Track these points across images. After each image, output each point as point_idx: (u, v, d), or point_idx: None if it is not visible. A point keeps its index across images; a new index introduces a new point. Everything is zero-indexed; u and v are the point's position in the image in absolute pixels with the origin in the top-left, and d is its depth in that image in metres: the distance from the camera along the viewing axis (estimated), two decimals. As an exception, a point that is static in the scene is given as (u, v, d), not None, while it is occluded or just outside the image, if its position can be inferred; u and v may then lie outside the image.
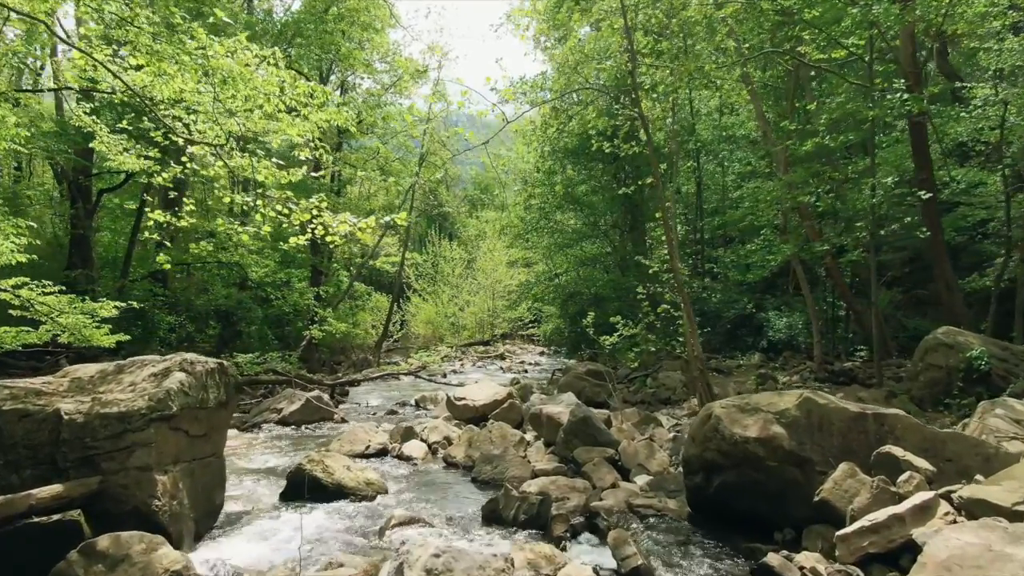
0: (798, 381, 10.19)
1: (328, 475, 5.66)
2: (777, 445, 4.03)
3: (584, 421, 6.58)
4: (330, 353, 21.41)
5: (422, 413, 11.09)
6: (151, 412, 4.30)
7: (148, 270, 14.66)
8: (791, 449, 4.00)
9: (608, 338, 8.09)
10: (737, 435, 4.14)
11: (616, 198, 15.72)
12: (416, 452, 7.28)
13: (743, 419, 4.21)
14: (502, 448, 6.68)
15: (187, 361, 4.86)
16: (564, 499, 5.02)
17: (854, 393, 8.13)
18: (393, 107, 22.25)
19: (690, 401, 9.47)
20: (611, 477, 5.86)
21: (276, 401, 9.79)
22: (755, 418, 4.18)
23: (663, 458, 6.19)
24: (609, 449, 6.38)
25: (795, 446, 4.01)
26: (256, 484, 6.10)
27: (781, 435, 4.04)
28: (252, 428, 9.12)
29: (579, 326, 18.12)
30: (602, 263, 18.49)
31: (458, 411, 8.89)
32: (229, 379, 5.24)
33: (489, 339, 28.01)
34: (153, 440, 4.27)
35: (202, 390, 4.82)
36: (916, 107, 7.12)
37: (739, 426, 4.18)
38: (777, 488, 4.05)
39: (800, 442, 4.01)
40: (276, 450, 7.71)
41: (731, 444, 4.17)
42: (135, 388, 4.55)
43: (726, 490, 4.27)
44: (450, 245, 30.51)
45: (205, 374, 4.89)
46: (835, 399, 4.23)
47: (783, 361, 12.52)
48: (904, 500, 3.44)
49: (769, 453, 4.06)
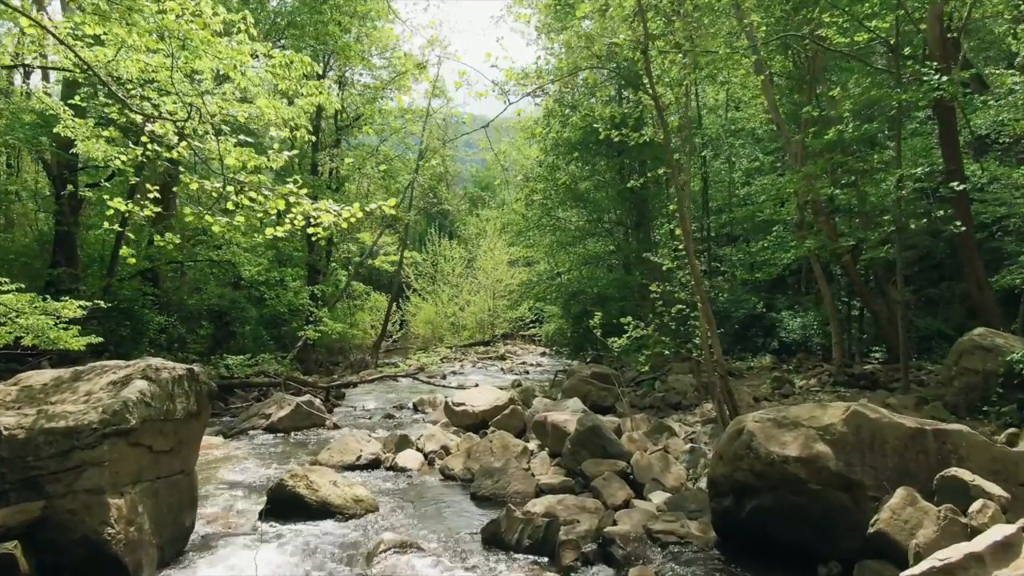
0: (816, 385, 9.66)
1: (312, 492, 5.13)
2: (822, 466, 3.51)
3: (593, 431, 6.06)
4: (327, 354, 20.90)
5: (420, 417, 10.59)
6: (104, 426, 3.78)
7: (138, 268, 14.12)
8: (838, 471, 3.48)
9: (617, 340, 7.56)
10: (774, 454, 3.61)
11: (621, 193, 15.17)
12: (411, 463, 6.76)
13: (781, 435, 3.68)
14: (503, 460, 6.16)
15: (151, 367, 4.34)
16: (573, 522, 4.49)
17: (881, 399, 7.58)
18: (391, 102, 21.78)
19: (702, 406, 8.94)
20: (623, 493, 5.33)
21: (265, 406, 9.27)
22: (795, 434, 3.65)
23: (679, 472, 5.67)
24: (620, 462, 5.86)
25: (843, 467, 3.48)
26: (236, 500, 5.58)
27: (826, 454, 3.51)
28: (239, 435, 8.61)
29: (582, 326, 17.64)
30: (606, 262, 17.95)
31: (457, 417, 8.36)
32: (201, 386, 4.72)
33: (489, 339, 27.50)
34: (107, 458, 3.75)
35: (168, 400, 4.29)
36: (951, 91, 6.58)
37: (776, 443, 3.65)
38: (821, 515, 3.53)
39: (848, 463, 3.49)
40: (261, 460, 7.19)
41: (767, 464, 3.65)
42: (89, 399, 4.02)
43: (761, 516, 3.74)
44: (450, 244, 29.99)
45: (172, 381, 4.37)
46: (887, 413, 3.69)
47: (797, 363, 11.98)
48: (979, 535, 2.91)
49: (812, 475, 3.53)
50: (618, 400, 9.63)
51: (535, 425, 6.96)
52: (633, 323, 7.11)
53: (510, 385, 14.02)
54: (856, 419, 3.60)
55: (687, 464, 5.86)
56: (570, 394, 9.55)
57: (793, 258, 11.72)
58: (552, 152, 15.62)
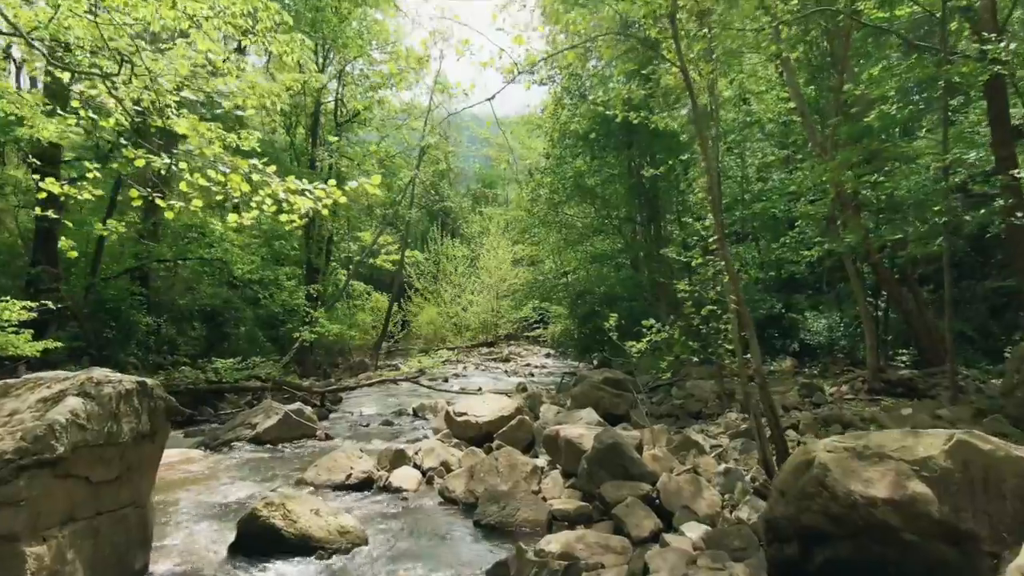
0: (848, 392, 8.89)
1: (290, 523, 4.41)
2: (920, 511, 2.78)
3: (613, 449, 5.32)
4: (327, 355, 20.22)
5: (420, 424, 9.90)
6: (21, 456, 3.06)
7: (124, 267, 13.46)
8: (943, 518, 2.75)
9: (635, 343, 6.82)
10: (856, 494, 2.88)
11: (631, 188, 14.43)
12: (407, 482, 6.04)
13: (863, 470, 2.95)
14: (511, 481, 5.44)
15: (91, 381, 3.62)
16: (597, 566, 3.76)
17: (930, 410, 6.84)
18: (392, 99, 21.14)
19: (726, 415, 8.18)
20: (650, 524, 4.61)
21: (252, 415, 8.56)
22: (882, 469, 2.91)
23: (713, 498, 4.92)
24: (644, 484, 5.13)
25: (949, 513, 2.75)
26: (204, 528, 4.86)
27: (926, 496, 2.78)
28: (222, 447, 7.90)
29: (589, 328, 16.95)
30: (614, 260, 17.21)
31: (458, 428, 7.64)
32: (156, 402, 4.01)
33: (493, 340, 26.80)
34: (24, 495, 3.04)
35: (110, 420, 3.58)
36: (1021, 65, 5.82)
37: (858, 480, 2.92)
38: (919, 572, 2.79)
39: (956, 507, 2.76)
40: (242, 477, 6.48)
41: (846, 506, 2.91)
42: (10, 421, 3.31)
43: (836, 569, 3.01)
44: (452, 242, 29.30)
45: (116, 398, 3.65)
46: (1000, 443, 2.94)
47: (823, 367, 11.20)
48: None
49: (907, 522, 2.80)
50: (632, 407, 8.89)
51: (546, 440, 6.22)
52: (656, 327, 6.35)
53: (515, 389, 13.31)
54: (963, 451, 2.86)
55: (721, 488, 5.12)
56: (580, 401, 8.81)
57: (815, 256, 10.97)
58: (560, 144, 14.85)
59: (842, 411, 7.40)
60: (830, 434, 7.03)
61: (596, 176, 15.39)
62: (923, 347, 10.74)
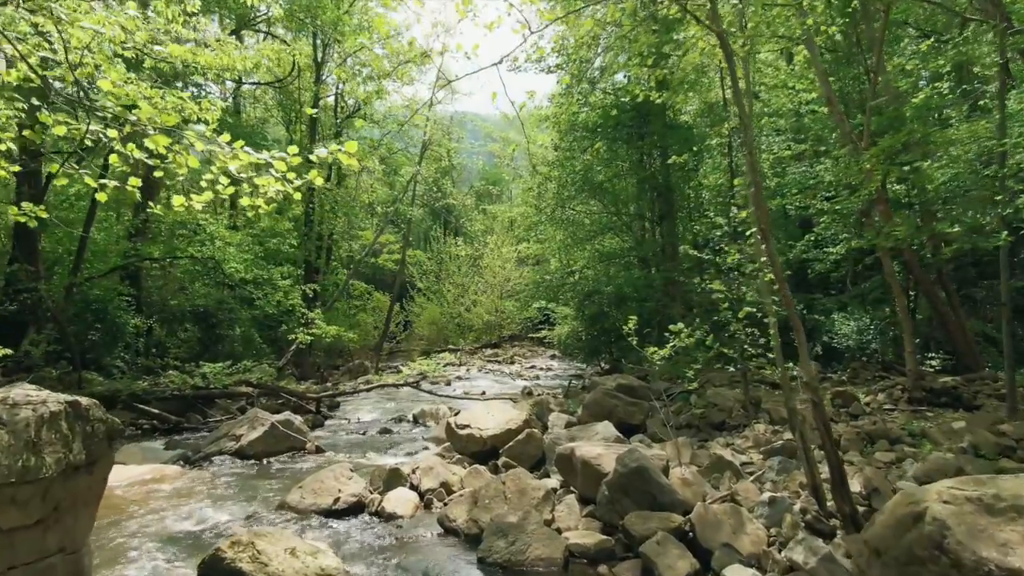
0: (887, 401, 8.14)
1: (259, 567, 3.71)
2: (1083, 590, 2.08)
3: (638, 474, 4.61)
4: (326, 357, 19.57)
5: (420, 432, 9.23)
6: None
7: (110, 266, 12.81)
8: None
9: (656, 349, 6.10)
10: (991, 563, 2.17)
11: (643, 182, 13.68)
12: (402, 507, 5.34)
13: (994, 529, 2.25)
14: (520, 510, 4.73)
15: (5, 403, 2.94)
16: (630, 631, 3.04)
17: (985, 424, 6.10)
18: (393, 95, 20.52)
19: (753, 427, 7.46)
20: (685, 565, 3.91)
21: (236, 425, 7.89)
22: (1019, 528, 2.21)
23: (758, 533, 4.21)
24: (675, 515, 4.42)
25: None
26: (161, 569, 4.17)
27: (1090, 570, 2.08)
28: (203, 461, 7.24)
29: (597, 329, 16.22)
30: (624, 259, 16.46)
31: (461, 442, 6.94)
32: (95, 425, 3.32)
33: (497, 341, 26.11)
34: None
35: (27, 451, 2.89)
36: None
37: (991, 545, 2.21)
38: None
39: None
40: (218, 498, 5.80)
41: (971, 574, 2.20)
42: None
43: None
44: (455, 241, 28.61)
45: (37, 423, 2.96)
46: None
47: (852, 372, 10.43)
48: None
49: (1063, 604, 2.10)
50: (649, 416, 8.19)
51: (559, 459, 5.51)
52: (685, 331, 5.63)
53: (520, 393, 12.61)
54: None
55: (766, 520, 4.40)
56: (593, 410, 8.12)
57: (841, 252, 10.23)
58: (568, 136, 14.11)
59: (886, 424, 6.67)
60: (876, 451, 6.31)
61: (606, 170, 14.66)
62: (959, 351, 10.01)
